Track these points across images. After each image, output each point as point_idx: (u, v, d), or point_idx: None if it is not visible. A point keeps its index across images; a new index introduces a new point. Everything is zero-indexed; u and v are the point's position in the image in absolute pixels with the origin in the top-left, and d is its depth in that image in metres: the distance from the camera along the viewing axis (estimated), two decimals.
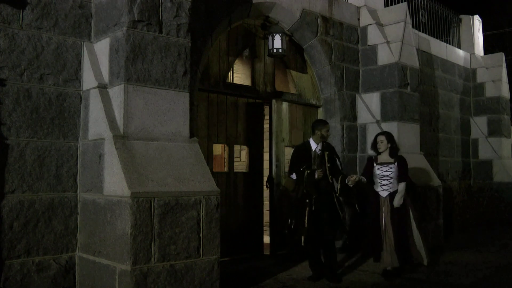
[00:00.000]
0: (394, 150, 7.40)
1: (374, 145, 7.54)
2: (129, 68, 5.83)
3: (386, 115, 9.81)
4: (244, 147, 9.01)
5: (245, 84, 8.92)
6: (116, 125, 5.83)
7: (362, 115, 10.02)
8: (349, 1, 10.39)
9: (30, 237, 5.82)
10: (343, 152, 9.61)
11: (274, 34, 8.79)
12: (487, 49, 15.56)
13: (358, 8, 10.32)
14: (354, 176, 7.10)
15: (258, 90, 8.93)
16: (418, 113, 10.25)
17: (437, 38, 13.33)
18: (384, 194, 7.31)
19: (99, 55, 6.32)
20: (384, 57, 9.95)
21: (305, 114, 9.70)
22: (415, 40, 11.14)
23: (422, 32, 12.67)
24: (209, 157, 7.95)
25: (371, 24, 10.17)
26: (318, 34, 9.44)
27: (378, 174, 7.35)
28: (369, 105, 10.01)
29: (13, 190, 5.73)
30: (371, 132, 9.79)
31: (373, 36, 10.14)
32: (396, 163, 7.29)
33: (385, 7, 10.89)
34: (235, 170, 8.75)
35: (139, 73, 5.90)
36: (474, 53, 14.49)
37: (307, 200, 6.96)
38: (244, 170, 8.95)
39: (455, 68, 13.68)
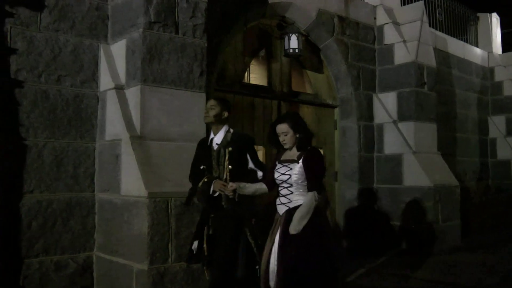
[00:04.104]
0: (303, 142, 4.55)
1: (273, 138, 4.71)
2: (145, 69, 5.86)
3: (402, 115, 9.76)
4: (261, 147, 8.99)
5: (261, 84, 8.91)
6: (132, 126, 5.86)
7: (379, 115, 9.97)
8: (365, 0, 10.35)
9: (48, 236, 5.89)
10: (359, 152, 9.56)
11: (290, 34, 8.77)
12: (505, 47, 15.38)
13: (374, 7, 10.27)
14: (232, 184, 4.71)
15: (274, 90, 8.93)
16: (435, 112, 10.18)
17: (454, 36, 13.24)
18: (281, 209, 4.59)
19: (115, 56, 6.36)
20: (401, 56, 9.90)
21: (318, 115, 9.66)
22: (432, 39, 11.07)
23: (439, 30, 12.58)
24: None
25: (387, 23, 10.13)
26: (334, 34, 9.41)
27: (276, 179, 4.60)
28: (386, 104, 9.96)
29: (31, 190, 5.80)
30: (388, 132, 9.77)
31: (390, 35, 10.09)
32: (301, 161, 4.46)
33: (401, 5, 10.84)
34: None
35: (155, 74, 5.93)
36: (491, 52, 14.35)
37: (204, 216, 5.05)
38: None
39: (473, 66, 13.56)
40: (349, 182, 9.60)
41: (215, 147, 5.00)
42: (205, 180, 4.88)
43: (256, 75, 9.02)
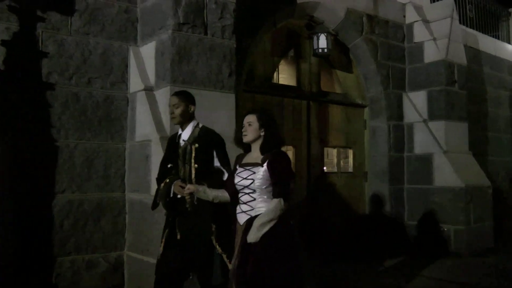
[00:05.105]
0: (269, 143, 4.01)
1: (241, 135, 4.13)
2: (174, 70, 5.91)
3: (433, 114, 9.65)
4: (290, 147, 9.00)
5: (290, 84, 8.91)
6: (162, 127, 5.91)
7: (409, 114, 9.87)
8: None
9: (79, 236, 5.99)
10: (389, 152, 9.50)
11: (319, 34, 8.76)
12: None
13: (404, 5, 10.17)
14: (189, 186, 4.27)
15: (303, 90, 8.92)
16: (466, 111, 10.04)
17: (485, 33, 13.02)
18: (242, 218, 3.99)
19: (145, 58, 6.42)
20: (431, 54, 9.80)
21: (348, 114, 9.63)
22: (462, 36, 10.91)
23: (470, 27, 12.39)
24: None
25: (417, 21, 10.02)
26: (363, 33, 9.36)
27: (237, 184, 4.01)
28: (416, 103, 9.86)
29: (63, 190, 5.90)
30: (418, 132, 9.68)
31: (419, 33, 9.99)
32: (265, 165, 3.91)
33: (431, 3, 10.72)
34: None
35: (184, 75, 5.97)
36: None
37: (170, 219, 4.67)
38: None
39: (504, 64, 13.31)
40: (379, 182, 9.54)
41: (181, 143, 4.62)
42: (167, 181, 4.55)
43: (285, 75, 9.02)
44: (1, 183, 5.08)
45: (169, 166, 4.69)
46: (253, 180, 3.90)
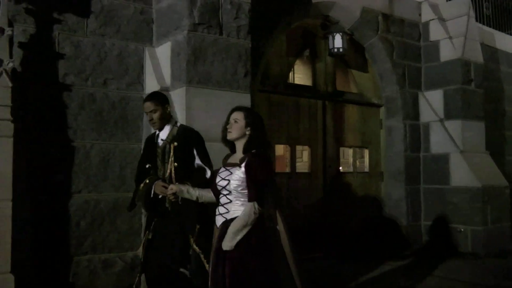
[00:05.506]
0: (253, 143, 3.83)
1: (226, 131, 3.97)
2: (190, 71, 5.92)
3: (449, 113, 9.59)
4: (306, 147, 9.00)
5: (306, 84, 8.91)
6: None
7: (425, 113, 9.82)
8: None
9: (96, 235, 6.02)
10: (405, 151, 9.45)
11: (334, 34, 8.75)
12: None
13: (419, 3, 10.12)
14: (172, 186, 4.13)
15: (319, 90, 8.91)
16: (482, 110, 9.95)
17: (502, 31, 12.87)
18: (218, 221, 3.85)
19: (160, 59, 6.44)
20: (447, 53, 9.73)
21: (364, 114, 9.60)
22: (479, 34, 10.82)
23: (486, 25, 12.27)
24: (271, 157, 7.94)
25: (432, 19, 9.97)
26: (378, 32, 9.32)
27: (217, 184, 3.87)
28: (432, 103, 9.80)
29: (79, 190, 5.93)
30: (435, 131, 9.62)
31: (435, 32, 9.93)
32: (243, 166, 3.73)
33: (447, 1, 10.64)
34: (297, 171, 8.74)
35: (200, 75, 5.98)
36: None
37: (150, 220, 4.66)
38: (306, 170, 8.94)
39: None
40: (395, 182, 9.50)
41: (160, 143, 4.56)
42: (146, 181, 4.46)
43: (300, 75, 9.02)
44: (19, 183, 5.11)
45: (147, 166, 4.61)
46: (229, 181, 3.74)
